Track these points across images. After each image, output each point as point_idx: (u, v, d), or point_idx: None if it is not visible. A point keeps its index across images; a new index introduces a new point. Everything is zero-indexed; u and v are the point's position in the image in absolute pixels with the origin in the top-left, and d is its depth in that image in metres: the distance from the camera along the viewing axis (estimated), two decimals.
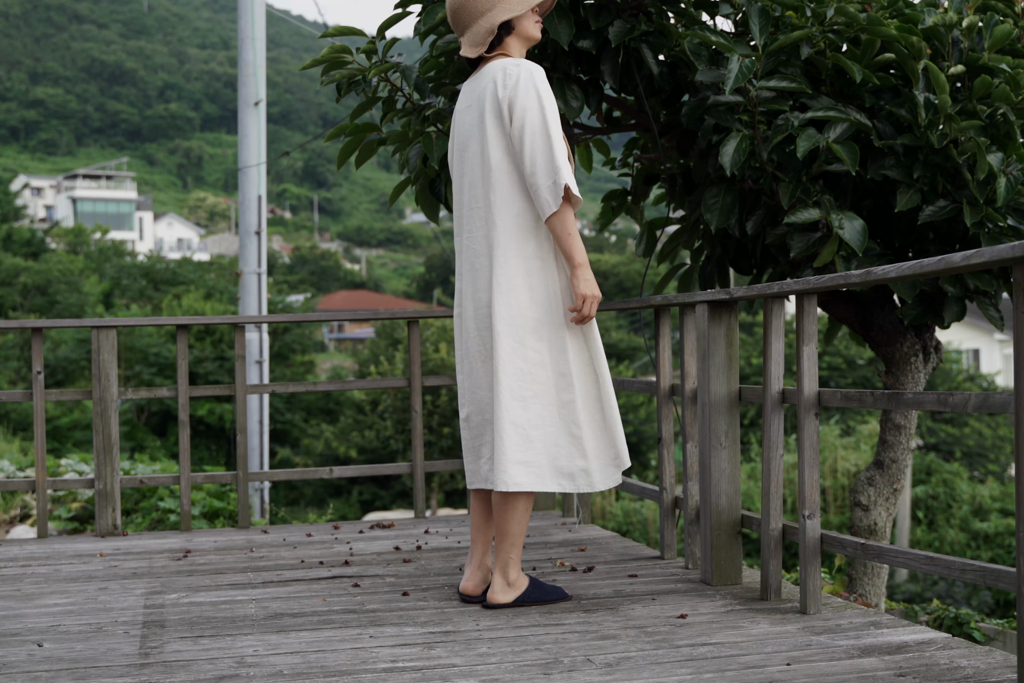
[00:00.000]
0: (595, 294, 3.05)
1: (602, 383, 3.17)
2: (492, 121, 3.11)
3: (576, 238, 3.05)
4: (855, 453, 15.12)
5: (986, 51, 3.60)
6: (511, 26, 3.19)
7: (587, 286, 3.04)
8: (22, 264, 34.56)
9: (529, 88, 3.05)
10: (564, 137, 3.14)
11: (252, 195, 10.28)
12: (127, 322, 4.95)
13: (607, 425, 3.18)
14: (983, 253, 2.32)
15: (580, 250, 3.04)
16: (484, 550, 3.30)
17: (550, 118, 3.05)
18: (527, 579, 3.25)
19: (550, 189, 3.01)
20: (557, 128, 3.06)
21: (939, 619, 4.72)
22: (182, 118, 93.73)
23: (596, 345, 3.18)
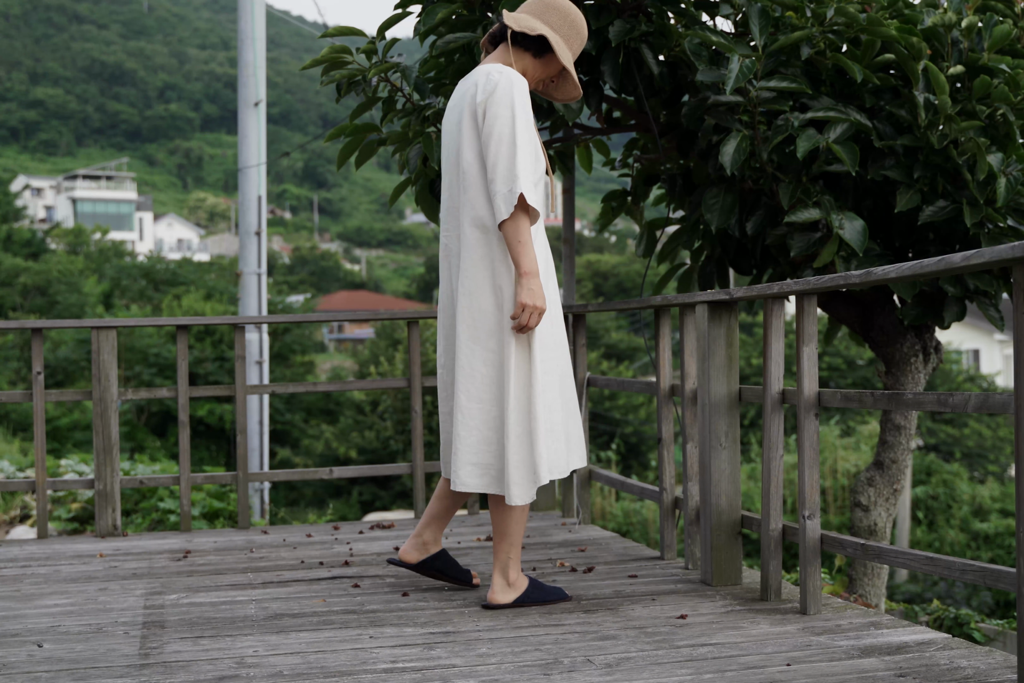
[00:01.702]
0: (535, 304, 3.01)
1: (536, 395, 3.07)
2: (468, 124, 3.15)
3: (526, 247, 3.02)
4: (855, 453, 15.12)
5: (986, 51, 3.60)
6: (543, 49, 3.21)
7: (529, 296, 3.01)
8: (22, 264, 34.56)
9: (505, 96, 3.08)
10: (543, 152, 3.19)
11: (252, 195, 10.28)
12: (127, 322, 4.95)
13: (531, 439, 3.08)
14: (983, 253, 2.32)
15: (529, 259, 3.02)
16: (426, 522, 3.40)
17: (520, 128, 3.07)
18: (527, 580, 3.26)
19: (504, 196, 3.03)
20: (526, 140, 3.09)
21: (939, 619, 4.73)
22: (182, 118, 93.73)
23: (542, 356, 3.11)
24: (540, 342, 3.10)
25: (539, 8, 3.24)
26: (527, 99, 3.11)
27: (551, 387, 3.14)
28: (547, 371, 3.12)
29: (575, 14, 3.25)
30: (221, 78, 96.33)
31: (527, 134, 3.08)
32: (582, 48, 3.32)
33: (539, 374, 3.08)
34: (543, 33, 3.16)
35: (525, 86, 3.13)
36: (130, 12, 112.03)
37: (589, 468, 4.72)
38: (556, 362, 3.17)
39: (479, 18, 3.97)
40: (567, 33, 3.24)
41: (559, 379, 3.19)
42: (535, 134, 3.16)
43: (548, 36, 3.16)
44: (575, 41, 3.26)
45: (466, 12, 3.98)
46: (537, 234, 3.19)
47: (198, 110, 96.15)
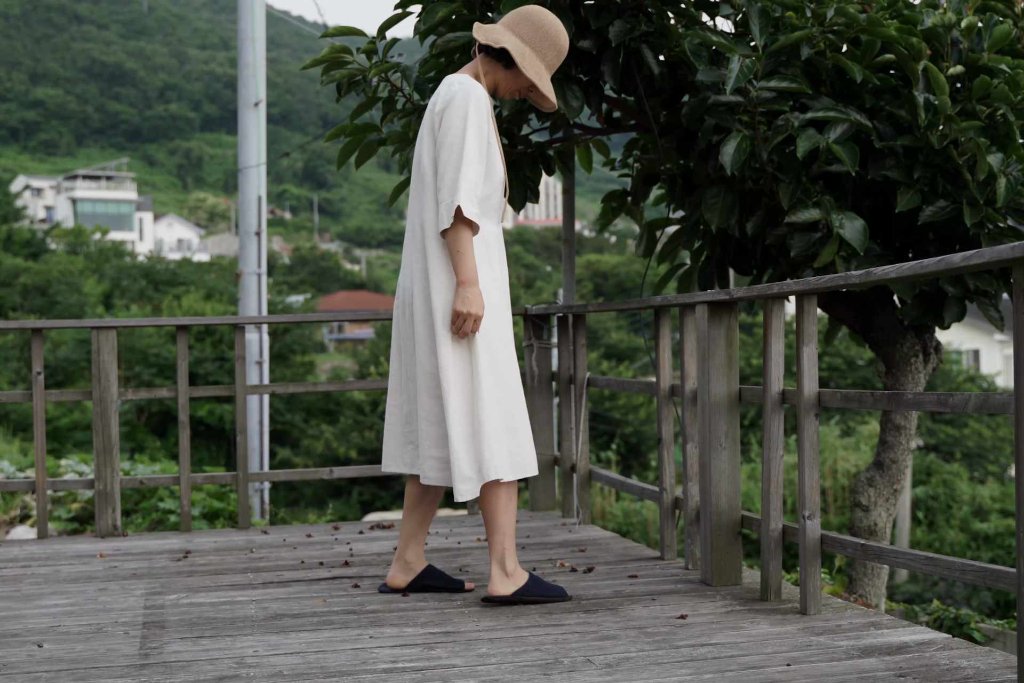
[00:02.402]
0: (470, 312, 3.11)
1: (481, 396, 3.15)
2: (427, 131, 3.26)
3: (464, 256, 3.13)
4: (855, 454, 15.12)
5: (986, 52, 3.60)
6: (512, 61, 3.26)
7: (464, 304, 3.12)
8: (22, 265, 34.55)
9: (460, 107, 3.17)
10: (501, 161, 3.26)
11: (252, 196, 10.28)
12: (127, 323, 4.95)
13: (477, 437, 3.15)
14: (983, 254, 2.32)
15: (467, 269, 3.13)
16: (404, 543, 3.43)
17: (469, 140, 3.14)
18: (527, 574, 3.26)
19: (447, 206, 3.13)
20: (475, 151, 3.16)
21: (939, 620, 4.73)
22: (182, 119, 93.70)
23: (488, 358, 3.18)
24: (485, 345, 3.18)
25: (514, 20, 3.30)
26: (483, 111, 3.19)
27: (498, 388, 3.20)
28: (494, 373, 3.20)
29: (550, 25, 3.26)
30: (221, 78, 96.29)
31: (477, 146, 3.16)
32: (560, 59, 3.32)
33: (484, 375, 3.17)
34: (505, 46, 3.22)
35: (483, 98, 3.20)
36: (130, 12, 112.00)
37: (589, 468, 4.72)
38: (503, 365, 3.23)
39: (479, 18, 3.97)
40: (539, 45, 3.27)
41: (504, 381, 3.23)
42: (491, 145, 3.23)
43: (510, 49, 3.22)
44: (549, 53, 3.28)
45: (466, 12, 3.98)
46: (490, 239, 3.27)
47: (198, 110, 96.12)
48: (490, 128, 3.23)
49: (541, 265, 53.50)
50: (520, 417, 3.26)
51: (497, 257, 3.30)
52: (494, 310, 3.23)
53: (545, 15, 3.28)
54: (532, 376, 4.98)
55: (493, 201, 3.29)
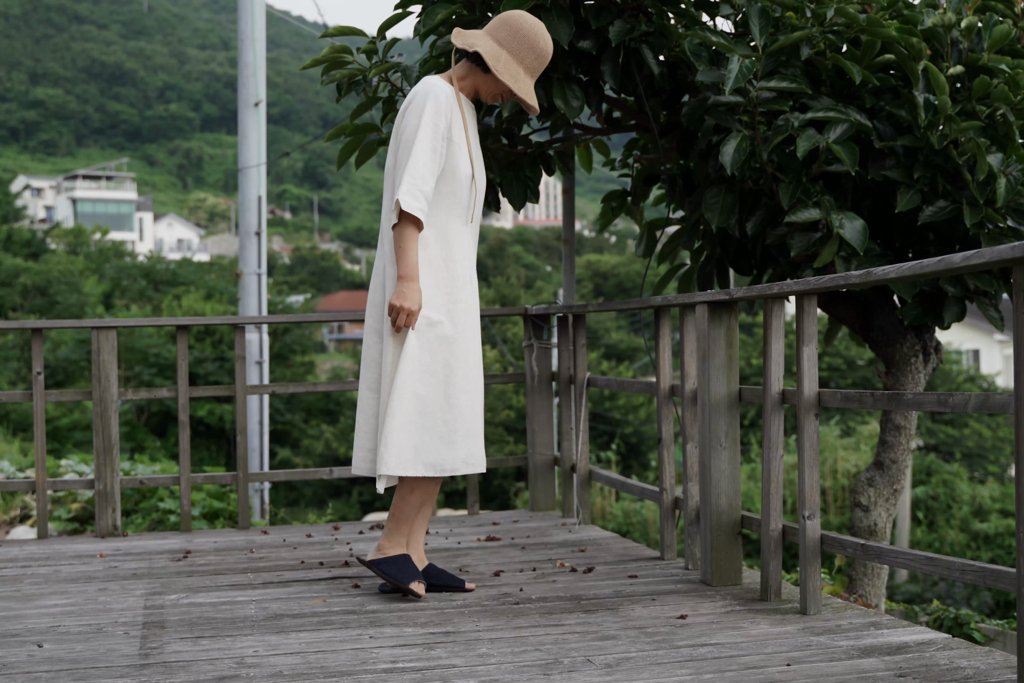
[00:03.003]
0: (403, 306, 3.18)
1: (394, 390, 3.21)
2: (396, 129, 3.35)
3: (406, 252, 3.20)
4: (855, 454, 15.12)
5: (985, 52, 3.60)
6: (484, 64, 3.32)
7: (399, 298, 3.19)
8: (22, 265, 34.55)
9: (420, 106, 3.25)
10: (469, 160, 3.31)
11: (252, 196, 10.27)
12: (127, 323, 4.95)
13: (400, 432, 3.22)
14: (983, 254, 2.32)
15: (407, 265, 3.20)
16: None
17: (422, 139, 3.21)
18: (403, 556, 3.36)
19: (395, 203, 3.20)
20: (425, 148, 3.22)
21: (939, 620, 4.73)
22: (182, 119, 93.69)
23: (412, 353, 3.24)
24: (416, 341, 3.24)
25: (494, 24, 3.35)
26: (442, 109, 3.25)
27: (419, 384, 3.24)
28: (418, 368, 3.24)
29: (528, 29, 3.29)
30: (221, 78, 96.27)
31: (430, 143, 3.22)
32: (542, 62, 3.34)
33: (404, 370, 3.22)
34: (479, 50, 3.26)
35: (444, 96, 3.25)
36: (130, 12, 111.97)
37: (589, 468, 4.72)
38: (433, 363, 3.27)
39: (479, 18, 3.97)
40: (516, 48, 3.29)
41: (429, 378, 3.27)
42: (453, 142, 3.28)
43: (483, 53, 3.26)
44: (527, 56, 3.30)
45: (466, 12, 3.98)
46: (452, 237, 3.33)
47: (198, 110, 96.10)
48: (454, 126, 3.29)
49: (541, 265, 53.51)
50: (442, 416, 3.27)
51: (458, 255, 3.34)
52: (435, 308, 3.28)
53: (524, 19, 3.30)
54: (532, 376, 4.98)
55: (458, 198, 3.34)
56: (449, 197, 3.32)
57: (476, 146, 3.41)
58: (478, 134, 3.57)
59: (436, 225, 3.32)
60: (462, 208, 3.35)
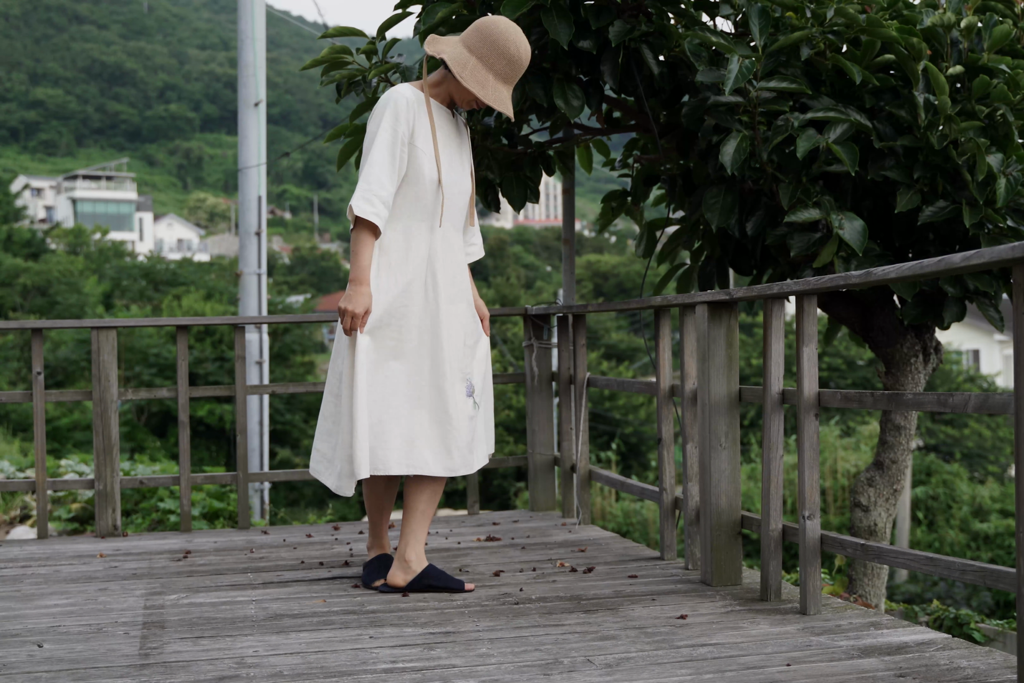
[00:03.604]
0: (346, 308, 3.23)
1: (345, 399, 3.26)
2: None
3: (358, 256, 3.25)
4: (855, 454, 15.12)
5: (985, 52, 3.60)
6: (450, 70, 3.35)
7: (345, 300, 3.25)
8: (22, 265, 34.55)
9: (379, 114, 3.30)
10: (436, 163, 3.32)
11: (252, 196, 10.28)
12: (127, 323, 4.95)
13: (344, 436, 3.28)
14: (983, 254, 2.32)
15: (357, 267, 3.25)
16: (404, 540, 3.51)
17: (379, 145, 3.26)
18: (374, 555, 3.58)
19: (349, 209, 3.28)
20: (382, 153, 3.26)
21: (939, 620, 4.72)
22: (182, 119, 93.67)
23: (345, 357, 3.28)
24: (353, 345, 3.26)
25: (467, 31, 3.36)
26: (401, 113, 3.28)
27: (344, 388, 3.28)
28: (348, 373, 3.28)
29: (499, 35, 3.27)
30: (221, 78, 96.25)
31: (388, 147, 3.26)
32: (514, 67, 3.30)
33: (331, 375, 3.31)
34: (444, 57, 3.28)
35: (403, 104, 3.28)
36: (130, 12, 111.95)
37: (589, 468, 4.72)
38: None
39: (479, 18, 3.96)
40: (485, 54, 3.28)
41: (384, 380, 3.31)
42: (416, 147, 3.30)
43: (448, 60, 3.27)
44: (497, 62, 3.28)
45: (466, 12, 3.98)
46: (415, 242, 3.34)
47: (198, 110, 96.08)
48: (417, 131, 3.30)
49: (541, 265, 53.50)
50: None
51: (416, 260, 3.35)
52: (388, 312, 3.31)
53: (496, 24, 3.29)
54: (532, 376, 4.98)
55: (423, 204, 3.35)
56: (413, 202, 3.34)
57: (448, 151, 3.39)
58: (467, 137, 3.55)
59: (398, 230, 3.35)
60: (427, 213, 3.36)
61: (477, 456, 3.44)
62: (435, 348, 3.34)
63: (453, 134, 3.44)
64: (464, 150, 3.50)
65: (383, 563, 3.55)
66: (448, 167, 3.38)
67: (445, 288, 3.38)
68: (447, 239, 3.42)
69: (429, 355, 3.34)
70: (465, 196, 3.46)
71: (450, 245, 3.43)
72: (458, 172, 3.43)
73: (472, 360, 3.46)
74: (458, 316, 3.41)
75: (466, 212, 3.50)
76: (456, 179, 3.41)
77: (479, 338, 3.51)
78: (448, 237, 3.42)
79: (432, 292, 3.36)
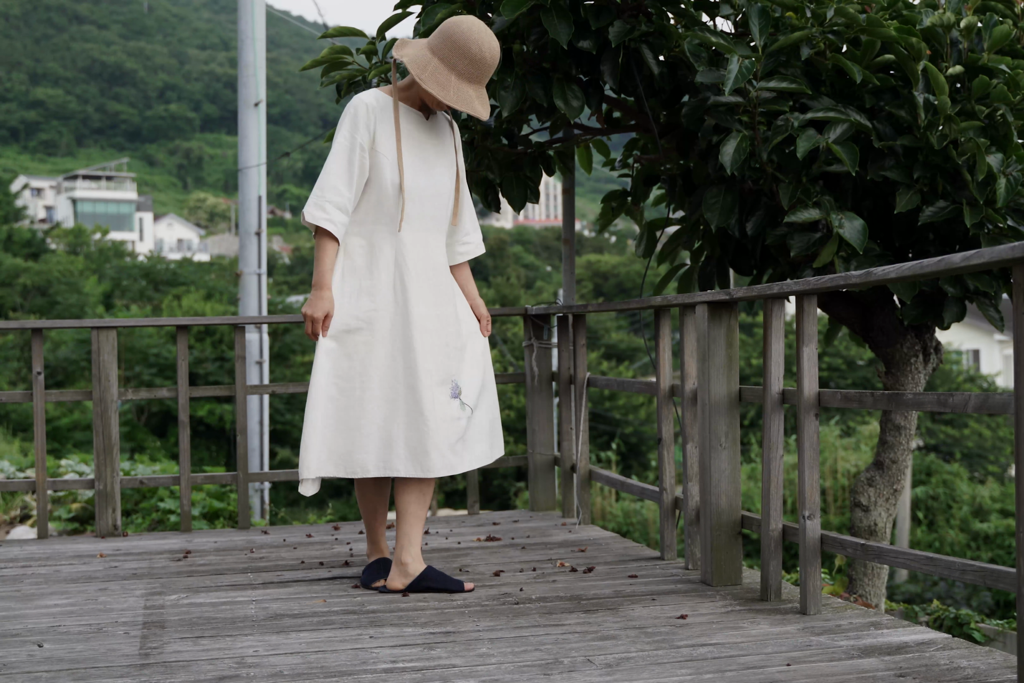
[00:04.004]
0: (305, 313, 3.33)
1: (310, 399, 3.34)
2: None
3: (318, 262, 3.33)
4: (855, 454, 15.12)
5: (985, 52, 3.60)
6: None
7: (307, 305, 3.34)
8: (22, 265, 34.55)
9: (340, 122, 3.39)
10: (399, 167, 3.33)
11: (252, 196, 10.28)
12: (127, 323, 4.95)
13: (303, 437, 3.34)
14: (983, 254, 2.32)
15: (318, 272, 3.34)
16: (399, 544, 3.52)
17: (335, 152, 3.32)
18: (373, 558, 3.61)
19: (302, 215, 3.35)
20: (338, 160, 3.32)
21: (939, 620, 4.72)
22: (182, 119, 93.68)
23: (324, 361, 3.34)
24: (322, 348, 3.35)
25: (433, 33, 3.36)
26: (359, 123, 3.33)
27: (313, 390, 3.33)
28: (316, 376, 3.35)
29: (460, 35, 3.24)
30: (221, 78, 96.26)
31: (345, 154, 3.31)
32: (479, 67, 3.26)
33: (317, 376, 3.34)
34: (403, 59, 3.29)
35: (362, 111, 3.33)
36: (130, 12, 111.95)
37: (589, 468, 4.72)
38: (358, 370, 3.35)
39: (479, 18, 3.96)
40: (446, 55, 3.26)
41: (360, 384, 3.35)
42: (378, 153, 3.33)
43: (407, 62, 3.27)
44: (459, 62, 3.25)
45: (466, 12, 3.98)
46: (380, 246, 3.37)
47: (198, 110, 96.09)
48: (379, 137, 3.33)
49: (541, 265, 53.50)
50: (357, 420, 3.34)
51: (383, 264, 3.37)
52: (354, 316, 3.34)
53: (458, 24, 3.25)
54: (532, 376, 4.98)
55: (385, 208, 3.37)
56: (376, 207, 3.36)
57: (416, 155, 3.38)
58: (452, 138, 3.52)
59: (362, 234, 3.39)
60: (392, 217, 3.36)
61: (465, 457, 3.41)
62: (407, 350, 3.34)
63: (426, 137, 3.42)
64: (443, 151, 3.46)
65: (383, 565, 3.55)
66: (415, 170, 3.36)
67: (416, 291, 3.37)
68: (420, 242, 3.41)
69: (402, 357, 3.35)
70: (442, 198, 3.44)
71: (424, 247, 3.42)
72: (430, 174, 3.40)
73: (460, 362, 3.43)
74: (435, 318, 3.40)
75: (445, 214, 3.47)
76: (426, 182, 3.39)
77: (470, 339, 3.49)
78: (421, 240, 3.41)
79: (401, 295, 3.36)
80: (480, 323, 3.58)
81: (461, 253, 3.59)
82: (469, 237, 3.60)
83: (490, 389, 3.55)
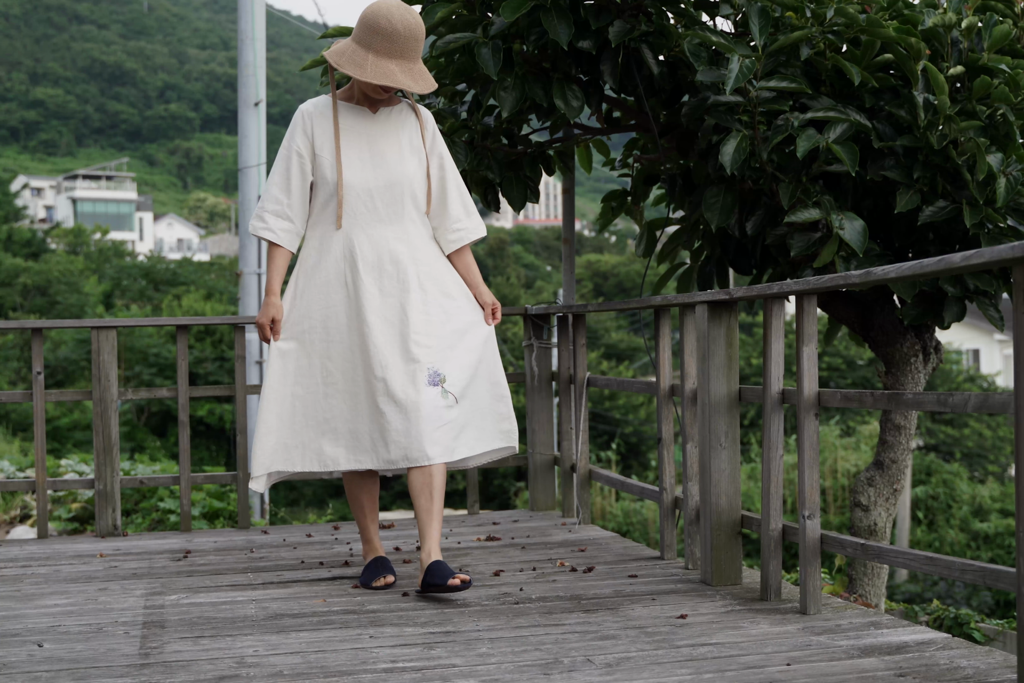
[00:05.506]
0: (256, 320, 3.47)
1: (262, 400, 3.42)
2: None
3: (268, 270, 3.42)
4: (855, 453, 15.13)
5: (985, 52, 3.60)
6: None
7: (259, 313, 3.46)
8: (22, 265, 34.54)
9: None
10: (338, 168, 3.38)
11: (252, 196, 10.27)
12: (127, 323, 4.95)
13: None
14: (983, 253, 2.32)
15: (267, 280, 3.43)
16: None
17: (276, 162, 3.44)
18: (371, 559, 3.62)
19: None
20: (279, 172, 3.45)
21: (939, 619, 4.72)
22: (182, 119, 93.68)
23: (274, 363, 3.41)
24: (279, 350, 3.42)
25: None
26: (296, 131, 3.43)
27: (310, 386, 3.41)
28: (303, 372, 3.41)
29: (369, 15, 3.26)
30: (221, 78, 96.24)
31: (284, 162, 3.41)
32: (392, 40, 3.23)
33: (269, 379, 3.40)
34: (325, 53, 3.36)
35: (299, 119, 3.44)
36: (130, 12, 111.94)
37: (589, 468, 4.72)
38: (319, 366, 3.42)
39: (479, 18, 3.97)
40: (361, 37, 3.29)
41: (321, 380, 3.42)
42: (318, 156, 3.39)
43: (326, 56, 3.33)
44: (373, 39, 3.25)
45: (466, 12, 3.99)
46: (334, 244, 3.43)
47: (198, 110, 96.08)
48: (318, 139, 3.40)
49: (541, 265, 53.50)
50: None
51: (329, 261, 3.42)
52: (308, 316, 3.42)
53: (370, 7, 3.29)
54: (532, 376, 4.98)
55: (331, 207, 3.42)
56: (325, 207, 3.44)
57: (360, 149, 3.40)
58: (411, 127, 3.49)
59: (315, 236, 3.47)
60: (336, 215, 3.42)
61: (451, 446, 3.38)
62: (363, 343, 3.37)
63: (377, 130, 3.43)
64: (399, 142, 3.44)
65: (381, 564, 3.55)
66: (362, 165, 3.38)
67: (369, 284, 3.38)
68: (375, 236, 3.41)
69: (359, 351, 3.38)
70: (397, 188, 3.41)
71: (381, 241, 3.41)
72: (379, 167, 3.40)
73: (446, 350, 3.40)
74: (394, 308, 3.39)
75: (410, 203, 3.44)
76: (373, 175, 3.39)
77: (471, 327, 3.47)
78: (377, 233, 3.41)
79: (353, 289, 3.39)
80: (484, 310, 3.55)
81: (453, 241, 3.55)
82: (460, 223, 3.55)
83: (489, 378, 3.51)
